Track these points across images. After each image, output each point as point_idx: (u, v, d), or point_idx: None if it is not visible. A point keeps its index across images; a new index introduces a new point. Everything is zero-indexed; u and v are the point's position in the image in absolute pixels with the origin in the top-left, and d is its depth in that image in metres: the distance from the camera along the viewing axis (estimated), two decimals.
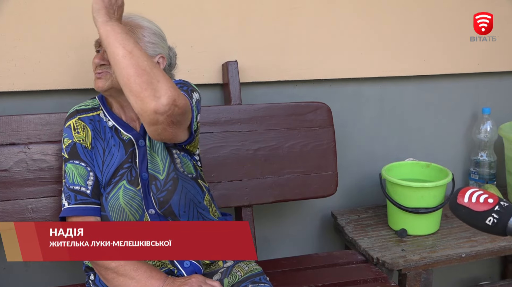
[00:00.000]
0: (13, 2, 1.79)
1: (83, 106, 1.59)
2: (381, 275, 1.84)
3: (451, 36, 2.27)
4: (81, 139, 1.53)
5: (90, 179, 1.51)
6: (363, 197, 2.33)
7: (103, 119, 1.57)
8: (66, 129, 1.56)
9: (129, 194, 1.51)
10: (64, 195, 1.50)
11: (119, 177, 1.52)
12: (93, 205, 1.50)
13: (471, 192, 1.12)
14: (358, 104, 2.25)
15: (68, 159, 1.52)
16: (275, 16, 2.04)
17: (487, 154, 2.35)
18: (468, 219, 1.12)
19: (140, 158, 1.54)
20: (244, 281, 1.53)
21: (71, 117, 1.57)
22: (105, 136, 1.55)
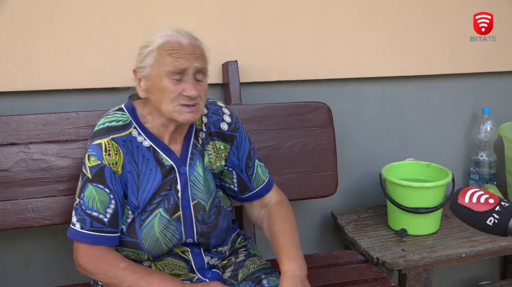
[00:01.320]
0: (13, 2, 1.79)
1: (114, 123, 1.46)
2: (381, 275, 1.84)
3: (451, 36, 2.27)
4: (111, 163, 1.43)
5: (111, 207, 1.42)
6: (363, 197, 2.33)
7: (136, 139, 1.47)
8: (94, 147, 1.43)
9: (164, 222, 1.48)
10: (77, 216, 1.42)
11: (155, 204, 1.47)
12: (109, 234, 1.42)
13: (472, 192, 1.12)
14: (358, 104, 2.25)
15: (91, 180, 1.42)
16: (275, 16, 2.04)
17: (487, 154, 2.35)
18: (469, 219, 1.12)
19: (182, 186, 1.50)
20: (257, 272, 1.57)
21: (103, 136, 1.44)
22: (139, 159, 1.46)
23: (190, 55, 1.41)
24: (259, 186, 1.66)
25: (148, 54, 1.41)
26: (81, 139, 1.78)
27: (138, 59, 1.44)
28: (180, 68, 1.40)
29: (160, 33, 1.43)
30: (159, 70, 1.40)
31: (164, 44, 1.40)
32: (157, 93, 1.41)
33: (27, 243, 2.01)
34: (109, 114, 1.49)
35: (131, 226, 1.46)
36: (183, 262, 1.54)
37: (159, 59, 1.40)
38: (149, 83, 1.42)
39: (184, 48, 1.41)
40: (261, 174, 1.67)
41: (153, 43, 1.41)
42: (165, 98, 1.41)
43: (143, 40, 1.44)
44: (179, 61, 1.40)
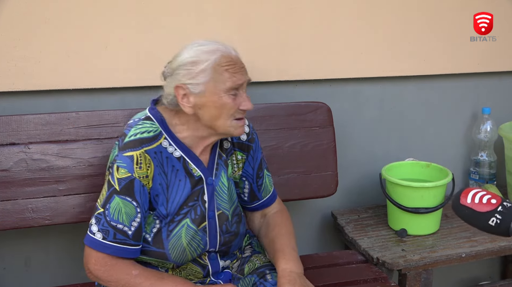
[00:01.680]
0: (13, 2, 1.78)
1: (145, 134, 1.44)
2: (381, 275, 1.84)
3: (451, 36, 2.27)
4: (142, 176, 1.41)
5: (136, 221, 1.41)
6: (363, 197, 2.33)
7: (166, 149, 1.46)
8: (125, 158, 1.40)
9: (191, 233, 1.48)
10: (99, 226, 1.40)
11: (183, 215, 1.47)
12: (131, 247, 1.41)
13: (474, 193, 1.12)
14: (358, 104, 2.25)
15: (118, 192, 1.39)
16: (275, 16, 2.04)
17: (487, 154, 2.35)
18: (471, 219, 1.12)
19: (209, 197, 1.51)
20: (262, 267, 1.59)
21: (135, 148, 1.41)
22: (168, 169, 1.45)
23: (242, 69, 1.44)
24: (266, 196, 1.69)
25: (201, 71, 1.39)
26: (81, 140, 1.78)
27: (186, 76, 1.41)
28: (238, 83, 1.42)
29: (205, 47, 1.42)
30: (216, 87, 1.40)
31: (219, 60, 1.40)
32: (214, 109, 1.41)
33: (27, 243, 2.01)
34: (138, 124, 1.46)
35: (157, 236, 1.46)
36: (200, 267, 1.55)
37: (216, 75, 1.40)
38: (203, 100, 1.41)
39: (237, 63, 1.43)
40: (268, 184, 1.69)
41: (206, 59, 1.40)
42: (224, 114, 1.42)
43: (186, 56, 1.42)
44: (237, 76, 1.42)
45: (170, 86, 1.44)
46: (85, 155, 1.78)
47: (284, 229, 1.64)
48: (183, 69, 1.41)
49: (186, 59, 1.41)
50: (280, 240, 1.59)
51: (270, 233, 1.64)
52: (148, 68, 1.92)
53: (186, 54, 1.42)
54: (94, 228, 1.40)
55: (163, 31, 1.92)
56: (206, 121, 1.44)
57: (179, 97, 1.42)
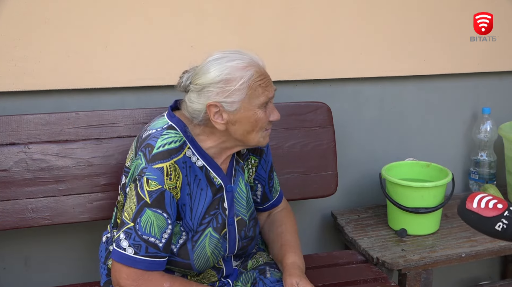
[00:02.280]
0: (13, 2, 1.79)
1: (172, 145, 1.41)
2: (381, 275, 1.84)
3: (451, 36, 2.27)
4: (172, 187, 1.39)
5: (167, 232, 1.39)
6: (363, 196, 2.33)
7: (190, 159, 1.44)
8: (155, 171, 1.37)
9: (214, 242, 1.48)
10: (130, 241, 1.36)
11: (205, 224, 1.47)
12: (162, 259, 1.39)
13: (480, 197, 1.11)
14: (358, 104, 2.25)
15: (150, 205, 1.36)
16: (275, 16, 2.04)
17: (487, 154, 2.35)
18: (477, 224, 1.11)
19: (229, 204, 1.51)
20: (264, 265, 1.64)
21: (165, 160, 1.39)
22: (191, 179, 1.44)
23: (270, 81, 1.44)
24: (275, 196, 1.71)
25: (237, 90, 1.38)
26: (81, 140, 1.78)
27: (220, 94, 1.38)
28: (269, 96, 1.42)
29: (237, 62, 1.39)
30: (251, 103, 1.40)
31: (254, 77, 1.39)
32: (249, 125, 1.42)
33: (27, 243, 2.01)
34: (163, 134, 1.42)
35: (183, 247, 1.45)
36: (215, 271, 1.56)
37: (250, 92, 1.39)
38: (237, 116, 1.40)
39: (266, 75, 1.43)
40: (277, 184, 1.72)
41: (240, 77, 1.38)
42: (258, 127, 1.43)
43: (217, 73, 1.38)
44: (268, 89, 1.42)
45: (200, 103, 1.40)
46: (85, 155, 1.78)
47: (290, 226, 1.67)
48: (216, 88, 1.38)
49: (219, 77, 1.38)
50: (287, 236, 1.63)
51: (276, 228, 1.66)
52: (148, 68, 1.92)
53: (217, 71, 1.38)
54: (124, 243, 1.36)
55: (163, 31, 1.92)
56: (238, 135, 1.43)
57: (212, 115, 1.40)
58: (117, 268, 1.39)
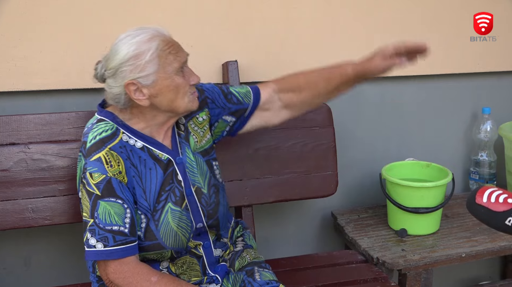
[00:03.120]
0: (13, 2, 1.79)
1: (104, 134, 1.44)
2: (381, 275, 1.84)
3: (451, 36, 2.27)
4: (116, 173, 1.41)
5: (127, 217, 1.40)
6: (363, 196, 2.33)
7: (128, 143, 1.46)
8: (94, 162, 1.40)
9: (177, 215, 1.49)
10: (96, 236, 1.37)
11: (164, 201, 1.48)
12: (131, 244, 1.41)
13: (490, 192, 1.10)
14: (358, 104, 2.25)
15: (101, 196, 1.38)
16: (275, 16, 2.04)
17: (487, 154, 2.35)
18: (487, 219, 1.10)
19: (182, 176, 1.52)
20: (251, 265, 1.61)
21: (99, 149, 1.41)
22: (136, 161, 1.46)
23: (180, 47, 1.46)
24: (251, 97, 1.66)
25: (148, 61, 1.39)
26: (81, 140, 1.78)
27: (134, 71, 1.39)
28: (182, 61, 1.44)
29: (142, 37, 1.40)
30: (166, 72, 1.41)
31: (161, 46, 1.41)
32: (171, 93, 1.43)
33: (27, 243, 2.01)
34: (92, 128, 1.46)
35: (147, 230, 1.46)
36: (195, 258, 1.56)
37: (162, 61, 1.40)
38: (157, 88, 1.41)
39: (174, 43, 1.45)
40: (241, 90, 1.67)
41: (148, 49, 1.39)
42: (180, 94, 1.44)
43: (125, 51, 1.39)
44: (179, 55, 1.44)
45: (118, 86, 1.42)
46: None
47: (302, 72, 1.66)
48: (128, 66, 1.39)
49: (127, 54, 1.39)
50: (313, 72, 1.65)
51: (304, 77, 1.65)
52: None
53: (125, 50, 1.39)
54: (92, 241, 1.38)
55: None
56: (164, 106, 1.45)
57: (132, 94, 1.41)
58: (102, 266, 1.42)
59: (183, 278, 1.54)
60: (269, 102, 1.67)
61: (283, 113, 1.69)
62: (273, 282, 1.53)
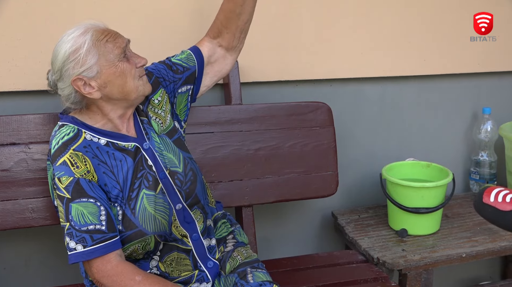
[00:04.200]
0: (13, 2, 1.79)
1: (66, 137, 1.46)
2: (382, 275, 1.84)
3: (451, 36, 2.27)
4: (83, 173, 1.42)
5: (102, 214, 1.40)
6: (363, 197, 2.33)
7: (93, 141, 1.48)
8: (60, 167, 1.42)
9: (152, 199, 1.49)
10: (74, 239, 1.38)
11: (137, 188, 1.48)
12: (111, 240, 1.40)
13: (497, 191, 1.10)
14: (358, 104, 2.25)
15: (71, 199, 1.39)
16: (276, 16, 2.04)
17: (488, 154, 2.35)
18: (494, 218, 1.10)
19: (152, 160, 1.52)
20: (244, 265, 1.60)
21: (63, 153, 1.43)
22: (105, 157, 1.47)
23: (117, 34, 1.47)
24: (193, 58, 1.67)
25: (86, 53, 1.41)
26: None
27: (76, 66, 1.41)
28: (122, 46, 1.45)
29: (75, 32, 1.43)
30: (108, 60, 1.43)
31: (96, 36, 1.42)
32: (118, 79, 1.44)
33: (27, 243, 2.01)
34: (55, 135, 1.47)
35: (124, 220, 1.46)
36: (185, 253, 1.55)
37: (102, 50, 1.42)
38: (104, 77, 1.43)
39: (110, 31, 1.46)
40: (182, 56, 1.68)
41: (83, 41, 1.41)
42: (129, 78, 1.45)
43: (63, 50, 1.41)
44: (118, 41, 1.45)
45: (67, 85, 1.44)
46: None
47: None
48: (69, 63, 1.41)
49: (66, 52, 1.41)
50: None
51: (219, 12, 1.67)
52: None
53: (62, 49, 1.42)
54: (71, 244, 1.39)
55: (163, 31, 1.92)
56: (116, 94, 1.46)
57: (81, 89, 1.43)
58: (86, 267, 1.43)
59: (173, 275, 1.54)
60: (213, 54, 1.70)
61: (229, 57, 1.72)
62: (266, 283, 1.52)
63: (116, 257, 1.41)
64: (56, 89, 1.49)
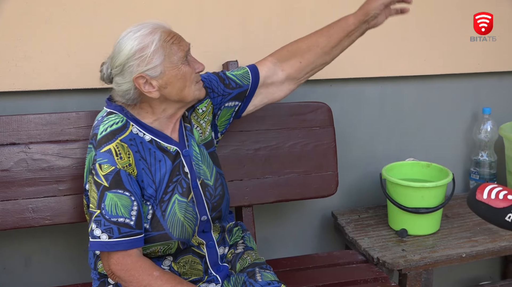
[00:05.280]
0: (13, 2, 1.79)
1: (115, 126, 1.46)
2: (382, 275, 1.84)
3: (451, 36, 2.27)
4: (125, 165, 1.42)
5: (134, 209, 1.41)
6: (363, 197, 2.33)
7: (138, 135, 1.48)
8: (104, 154, 1.41)
9: (183, 206, 1.50)
10: (101, 227, 1.38)
11: (171, 192, 1.49)
12: (137, 236, 1.41)
13: (490, 188, 1.10)
14: (358, 104, 2.25)
15: (109, 188, 1.39)
16: (276, 15, 2.04)
17: (488, 154, 2.35)
18: (487, 215, 1.10)
19: (189, 168, 1.54)
20: (253, 266, 1.62)
21: (109, 142, 1.43)
22: (146, 153, 1.47)
23: (181, 37, 1.49)
24: (249, 77, 1.67)
25: (153, 53, 1.42)
26: (82, 140, 1.78)
27: (141, 64, 1.42)
28: (186, 50, 1.47)
29: (143, 31, 1.43)
30: (172, 61, 1.44)
31: (163, 37, 1.44)
32: (179, 82, 1.45)
33: (27, 243, 2.01)
34: (103, 121, 1.47)
35: (153, 220, 1.47)
36: (199, 258, 1.56)
37: (167, 51, 1.43)
38: (166, 78, 1.44)
39: (175, 33, 1.48)
40: (238, 72, 1.68)
41: (151, 41, 1.42)
42: (188, 82, 1.47)
43: (129, 47, 1.42)
44: (182, 44, 1.47)
45: (127, 82, 1.44)
46: (85, 155, 1.77)
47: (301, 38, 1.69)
48: (134, 60, 1.42)
49: (132, 49, 1.42)
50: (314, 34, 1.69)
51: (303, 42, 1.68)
52: None
53: (129, 45, 1.42)
54: (97, 232, 1.39)
55: None
56: (174, 96, 1.47)
57: (142, 87, 1.44)
58: (104, 257, 1.42)
59: (184, 277, 1.55)
60: (271, 76, 1.69)
61: (286, 85, 1.71)
62: (274, 283, 1.54)
63: (137, 252, 1.42)
64: (109, 82, 1.50)
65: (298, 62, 1.67)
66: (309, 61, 1.67)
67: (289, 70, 1.68)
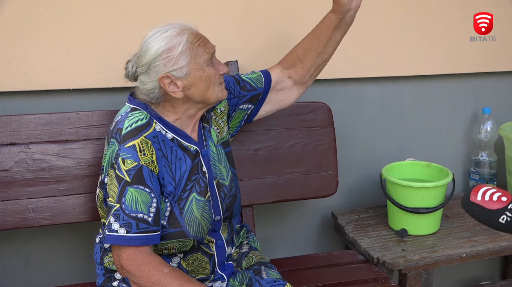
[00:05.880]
0: (13, 2, 1.79)
1: (140, 123, 1.47)
2: (382, 275, 1.84)
3: (451, 36, 2.27)
4: (148, 162, 1.43)
5: (153, 206, 1.42)
6: (363, 197, 2.33)
7: (161, 133, 1.50)
8: (128, 149, 1.42)
9: (201, 205, 1.52)
10: (120, 221, 1.39)
11: (189, 190, 1.51)
12: (153, 233, 1.42)
13: (484, 190, 1.11)
14: (358, 104, 2.25)
15: (130, 183, 1.40)
16: (276, 16, 2.04)
17: (488, 154, 2.35)
18: (481, 217, 1.11)
19: (207, 167, 1.56)
20: (258, 264, 1.66)
21: (134, 137, 1.44)
22: (167, 151, 1.49)
23: (207, 39, 1.51)
24: (262, 81, 1.71)
25: (180, 54, 1.44)
26: (81, 140, 1.78)
27: (167, 64, 1.43)
28: (211, 52, 1.49)
29: (171, 32, 1.45)
30: (198, 63, 1.46)
31: (190, 39, 1.46)
32: (203, 83, 1.48)
33: (27, 243, 2.01)
34: (128, 116, 1.48)
35: (171, 217, 1.48)
36: (207, 257, 1.58)
37: (194, 53, 1.45)
38: (190, 79, 1.46)
39: (201, 35, 1.50)
40: (252, 75, 1.72)
41: (179, 42, 1.44)
42: (212, 84, 1.49)
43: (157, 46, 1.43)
44: (208, 46, 1.49)
45: (152, 81, 1.46)
46: (85, 155, 1.78)
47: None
48: (161, 60, 1.44)
49: (159, 49, 1.44)
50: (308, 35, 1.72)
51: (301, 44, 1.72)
52: None
53: (156, 45, 1.44)
54: (115, 225, 1.39)
55: None
56: (197, 97, 1.49)
57: (166, 87, 1.46)
58: (116, 251, 1.43)
59: (192, 275, 1.56)
60: (280, 82, 1.73)
61: (295, 90, 1.75)
62: (280, 280, 1.56)
63: (148, 249, 1.43)
64: (133, 80, 1.52)
65: (300, 68, 1.71)
66: (309, 65, 1.70)
67: (295, 77, 1.72)
